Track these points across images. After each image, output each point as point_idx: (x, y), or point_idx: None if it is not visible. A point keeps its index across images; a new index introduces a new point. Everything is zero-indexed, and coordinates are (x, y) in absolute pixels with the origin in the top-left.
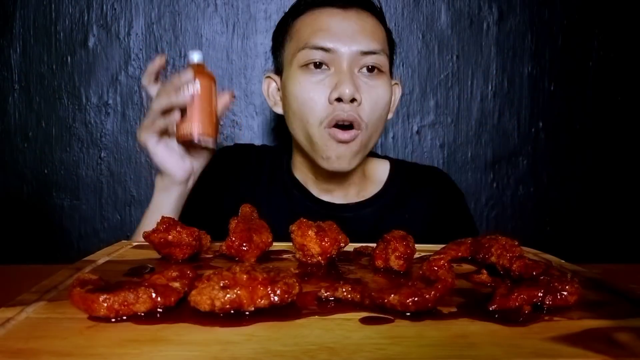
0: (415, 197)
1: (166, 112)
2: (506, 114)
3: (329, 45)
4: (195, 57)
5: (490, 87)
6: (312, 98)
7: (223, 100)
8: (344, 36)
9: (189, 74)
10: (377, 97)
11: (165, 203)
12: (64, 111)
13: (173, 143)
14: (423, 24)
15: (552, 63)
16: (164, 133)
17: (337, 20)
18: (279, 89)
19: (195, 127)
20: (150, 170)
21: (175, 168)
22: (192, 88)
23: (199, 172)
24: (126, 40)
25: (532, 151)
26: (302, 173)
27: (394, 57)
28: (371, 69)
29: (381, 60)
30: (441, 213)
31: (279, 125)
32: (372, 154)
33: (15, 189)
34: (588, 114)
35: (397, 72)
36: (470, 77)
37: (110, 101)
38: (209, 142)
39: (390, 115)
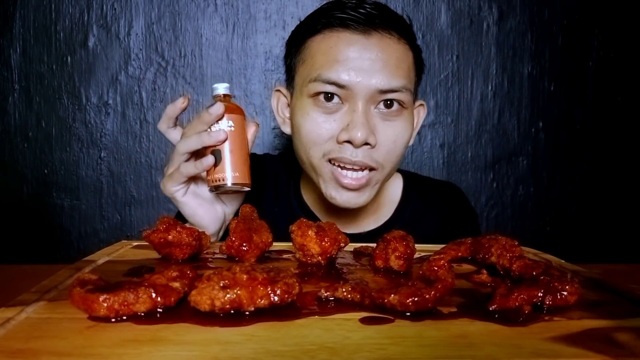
0: (429, 215)
1: (193, 155)
2: (506, 114)
3: (344, 81)
4: (222, 88)
5: (490, 87)
6: (320, 134)
7: (250, 133)
8: (362, 71)
9: (220, 108)
10: (395, 137)
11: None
12: (64, 111)
13: (202, 189)
14: (423, 24)
15: (552, 63)
16: (191, 179)
17: (356, 49)
18: (288, 105)
19: (230, 172)
20: (150, 171)
21: (207, 219)
22: (224, 126)
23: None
24: (126, 40)
25: (532, 151)
26: (310, 198)
27: (422, 77)
28: (389, 105)
29: (403, 97)
30: (452, 231)
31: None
32: None
33: (15, 189)
34: (588, 114)
35: None
36: (470, 77)
37: (110, 101)
38: (245, 188)
39: (410, 142)
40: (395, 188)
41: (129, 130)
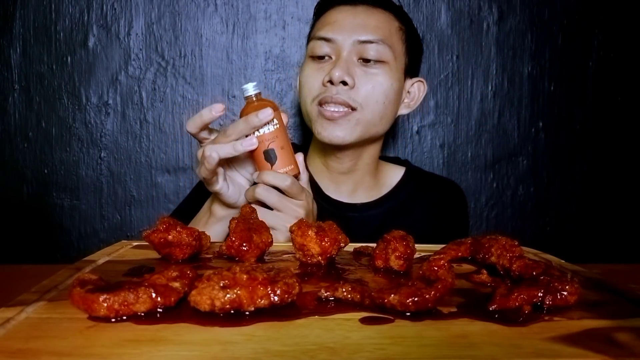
0: (423, 203)
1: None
2: (506, 114)
3: (329, 35)
4: (252, 88)
5: (490, 87)
6: (309, 81)
7: (285, 122)
8: (345, 28)
9: (269, 115)
10: (373, 83)
11: (220, 230)
12: (64, 111)
13: (234, 174)
14: (423, 24)
15: (552, 63)
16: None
17: (344, 15)
18: None
19: (287, 168)
20: (150, 171)
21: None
22: (270, 125)
23: None
24: (126, 40)
25: (532, 151)
26: (314, 164)
27: (420, 57)
28: (368, 59)
29: (380, 49)
30: (442, 224)
31: None
32: (389, 159)
33: (15, 189)
34: (588, 114)
35: None
36: (470, 77)
37: (110, 101)
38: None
39: (406, 111)
40: (395, 174)
41: (129, 130)
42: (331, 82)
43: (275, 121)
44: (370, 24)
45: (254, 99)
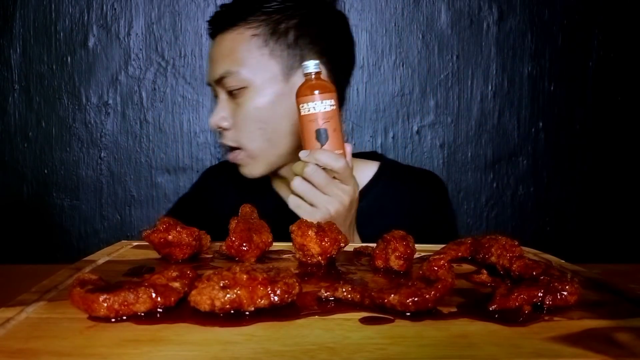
0: (399, 200)
1: None
2: (506, 114)
3: (207, 80)
4: (312, 66)
5: (490, 87)
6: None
7: None
8: (209, 69)
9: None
10: (245, 113)
11: None
12: (64, 111)
13: None
14: (423, 24)
15: (552, 63)
16: None
17: (210, 53)
18: None
19: (338, 150)
20: (150, 171)
21: None
22: (327, 105)
23: None
24: (126, 40)
25: (532, 151)
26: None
27: (312, 32)
28: (231, 91)
29: (235, 79)
30: (423, 217)
31: None
32: (362, 155)
33: (15, 189)
34: (588, 114)
35: (397, 72)
36: (470, 77)
37: (110, 101)
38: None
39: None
40: (368, 170)
41: (129, 130)
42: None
43: (333, 102)
44: (219, 56)
45: (313, 77)
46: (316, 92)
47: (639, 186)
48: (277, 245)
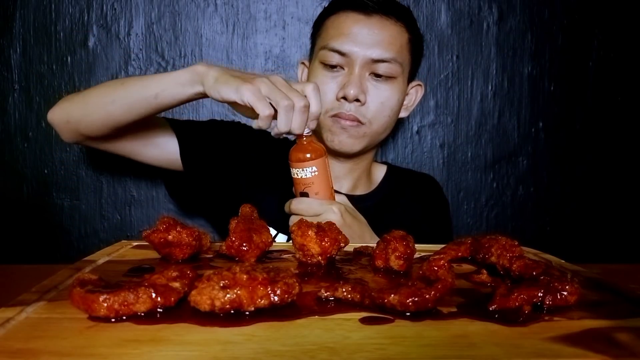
0: (405, 195)
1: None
2: (506, 114)
3: (345, 49)
4: (305, 130)
5: (490, 87)
6: (325, 91)
7: None
8: (360, 43)
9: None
10: (384, 99)
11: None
12: None
13: None
14: (423, 24)
15: (552, 63)
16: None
17: (359, 26)
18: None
19: None
20: (150, 171)
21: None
22: (308, 172)
23: None
24: (126, 40)
25: (532, 151)
26: None
27: (421, 60)
28: (379, 75)
29: (392, 68)
30: (424, 212)
31: None
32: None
33: (15, 189)
34: (588, 114)
35: None
36: (470, 77)
37: None
38: None
39: (404, 114)
40: (380, 172)
41: None
42: (345, 98)
43: (315, 168)
44: (384, 41)
45: (304, 140)
46: (299, 155)
47: (638, 186)
48: (277, 245)
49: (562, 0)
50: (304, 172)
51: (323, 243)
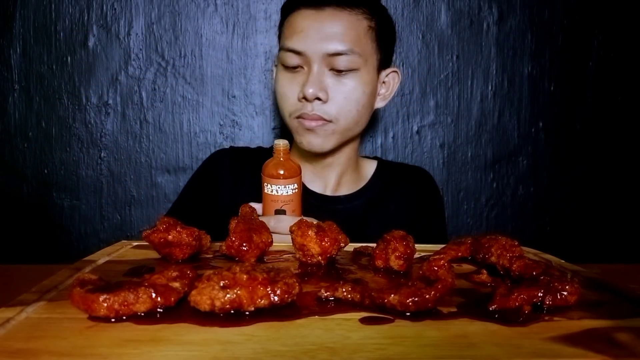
0: (398, 190)
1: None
2: (506, 114)
3: (299, 48)
4: (282, 144)
5: (490, 87)
6: (286, 94)
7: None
8: (312, 39)
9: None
10: (346, 93)
11: None
12: (64, 111)
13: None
14: (423, 24)
15: (552, 63)
16: None
17: (309, 22)
18: None
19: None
20: (150, 171)
21: None
22: (289, 189)
23: None
24: (126, 40)
25: (532, 151)
26: (298, 160)
27: (393, 46)
28: (341, 70)
29: (351, 60)
30: (418, 206)
31: (278, 126)
32: (363, 156)
33: (15, 189)
34: (588, 114)
35: None
36: (470, 77)
37: (110, 101)
38: None
39: (381, 104)
40: (370, 167)
41: (129, 130)
42: (305, 98)
43: (295, 185)
44: (337, 33)
45: (282, 156)
46: (282, 172)
47: (638, 186)
48: (277, 245)
49: (562, 0)
50: (285, 189)
51: (323, 243)
